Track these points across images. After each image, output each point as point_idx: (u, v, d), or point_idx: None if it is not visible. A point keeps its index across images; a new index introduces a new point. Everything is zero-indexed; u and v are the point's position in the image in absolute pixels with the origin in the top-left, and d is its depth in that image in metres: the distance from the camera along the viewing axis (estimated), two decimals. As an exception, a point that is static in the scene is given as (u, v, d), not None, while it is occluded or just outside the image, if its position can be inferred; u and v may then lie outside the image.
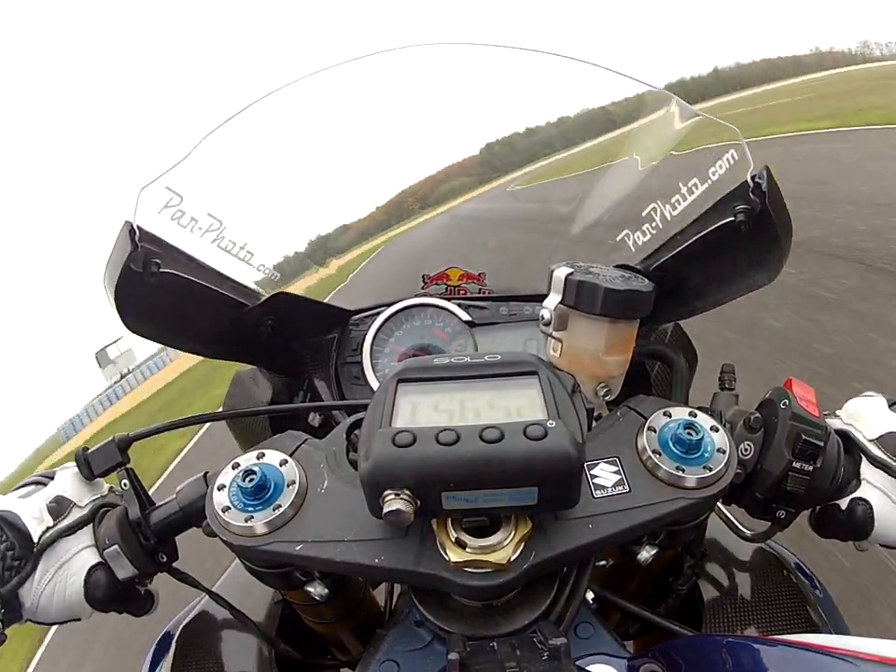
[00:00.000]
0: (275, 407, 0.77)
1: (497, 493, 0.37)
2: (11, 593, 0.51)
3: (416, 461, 0.36)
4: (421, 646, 0.44)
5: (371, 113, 0.90)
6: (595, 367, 0.60)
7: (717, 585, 0.63)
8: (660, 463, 0.44)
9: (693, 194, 0.61)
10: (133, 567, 0.54)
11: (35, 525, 0.52)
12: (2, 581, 0.50)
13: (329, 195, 0.95)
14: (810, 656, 0.37)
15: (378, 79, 0.76)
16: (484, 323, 0.81)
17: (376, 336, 0.80)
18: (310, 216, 0.94)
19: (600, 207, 0.82)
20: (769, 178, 0.54)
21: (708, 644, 0.45)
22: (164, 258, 0.58)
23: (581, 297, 0.57)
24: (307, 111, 0.77)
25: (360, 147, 0.92)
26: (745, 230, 0.55)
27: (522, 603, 0.44)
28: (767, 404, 0.55)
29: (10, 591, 0.50)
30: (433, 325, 0.81)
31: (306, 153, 0.87)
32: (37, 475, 0.59)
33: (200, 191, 0.61)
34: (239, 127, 0.63)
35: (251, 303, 0.70)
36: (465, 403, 0.41)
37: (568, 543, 0.41)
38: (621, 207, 0.78)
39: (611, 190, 0.82)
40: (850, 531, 0.53)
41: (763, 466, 0.53)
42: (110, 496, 0.59)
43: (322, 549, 0.42)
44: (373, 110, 0.90)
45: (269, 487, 0.44)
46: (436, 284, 0.86)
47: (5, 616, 0.51)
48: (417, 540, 0.42)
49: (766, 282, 0.59)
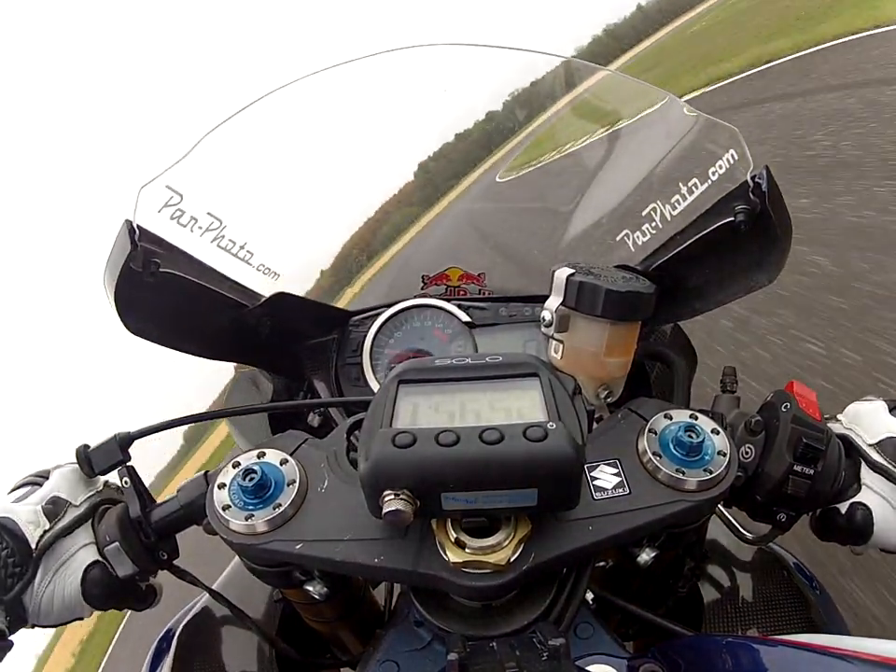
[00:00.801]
0: (276, 404, 0.77)
1: (497, 494, 0.37)
2: (15, 599, 0.51)
3: (416, 462, 0.36)
4: (420, 646, 0.44)
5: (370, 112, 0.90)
6: (597, 368, 0.60)
7: (717, 586, 0.63)
8: (660, 465, 0.44)
9: (692, 194, 0.61)
10: (133, 564, 0.54)
11: (31, 529, 0.52)
12: (6, 588, 0.50)
13: (329, 195, 0.95)
14: (810, 656, 0.37)
15: (379, 79, 0.76)
16: (484, 324, 0.80)
17: (376, 337, 0.80)
18: (310, 215, 0.94)
19: (599, 207, 0.82)
20: (769, 178, 0.54)
21: (708, 644, 0.45)
22: (164, 257, 0.58)
23: (582, 298, 0.57)
24: (307, 110, 0.77)
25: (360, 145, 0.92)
26: (745, 230, 0.55)
27: (521, 603, 0.44)
28: (768, 407, 0.55)
29: (14, 597, 0.50)
30: (433, 326, 0.81)
31: (306, 152, 0.87)
32: (32, 475, 0.58)
33: (200, 190, 0.61)
34: (239, 125, 0.63)
35: (251, 304, 0.70)
36: (465, 404, 0.41)
37: (568, 545, 0.41)
38: (620, 207, 0.78)
39: (611, 190, 0.82)
40: (850, 535, 0.53)
41: (763, 469, 0.53)
42: (106, 490, 0.59)
43: (322, 548, 0.42)
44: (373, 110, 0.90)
45: (269, 486, 0.44)
46: (435, 284, 0.86)
47: (10, 623, 0.51)
48: (417, 540, 0.42)
49: (766, 282, 0.59)
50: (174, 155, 0.58)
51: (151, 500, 0.58)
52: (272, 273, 0.71)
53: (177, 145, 0.59)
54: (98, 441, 0.58)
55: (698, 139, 0.64)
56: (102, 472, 0.57)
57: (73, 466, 0.58)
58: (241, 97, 0.63)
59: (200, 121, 0.62)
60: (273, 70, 25.07)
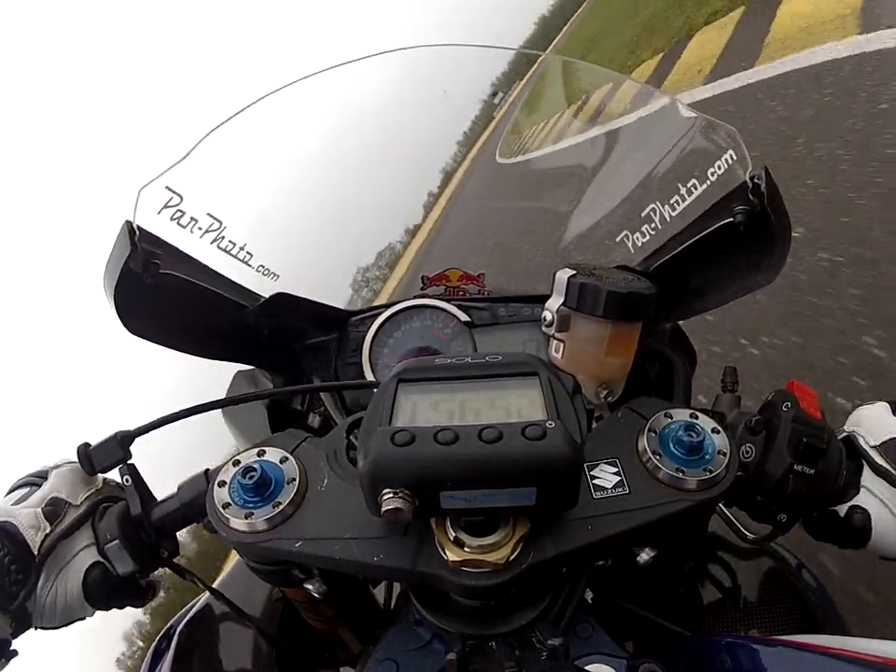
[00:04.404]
0: (279, 390, 0.76)
1: (496, 493, 0.37)
2: (20, 606, 0.50)
3: (415, 460, 0.37)
4: (420, 645, 0.44)
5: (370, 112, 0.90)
6: (597, 368, 0.60)
7: (717, 586, 0.63)
8: (660, 465, 0.44)
9: (692, 195, 0.61)
10: (133, 562, 0.54)
11: (33, 533, 0.52)
12: (11, 597, 0.50)
13: (329, 194, 0.95)
14: (810, 656, 0.37)
15: (379, 79, 0.76)
16: (484, 324, 0.81)
17: (375, 337, 0.80)
18: (310, 216, 0.94)
19: (598, 208, 0.83)
20: (768, 179, 0.54)
21: (708, 644, 0.45)
22: (164, 258, 0.58)
23: (583, 299, 0.57)
24: (307, 110, 0.77)
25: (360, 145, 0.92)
26: (744, 230, 0.56)
27: (520, 603, 0.44)
28: (769, 406, 0.55)
29: (19, 605, 0.50)
30: (432, 326, 0.81)
31: (306, 152, 0.87)
32: (29, 475, 0.58)
33: (200, 191, 0.61)
34: (239, 126, 0.63)
35: (251, 304, 0.70)
36: (465, 403, 0.41)
37: (567, 544, 0.41)
38: (619, 208, 0.78)
39: (610, 191, 0.82)
40: (847, 539, 0.53)
41: (764, 468, 0.52)
42: (105, 488, 0.59)
43: (321, 546, 0.42)
44: (373, 110, 0.90)
45: (269, 484, 0.44)
46: (435, 285, 0.86)
47: (15, 629, 0.51)
48: (416, 539, 0.42)
49: (765, 283, 0.59)
50: (173, 156, 0.58)
51: (152, 498, 0.58)
52: (271, 273, 0.72)
53: (176, 146, 0.60)
54: (98, 439, 0.58)
55: (697, 139, 0.64)
56: (103, 470, 0.57)
57: (71, 465, 0.58)
58: (241, 97, 0.63)
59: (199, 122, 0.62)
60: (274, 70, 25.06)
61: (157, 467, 0.64)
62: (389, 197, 1.89)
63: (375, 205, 1.51)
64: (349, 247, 1.34)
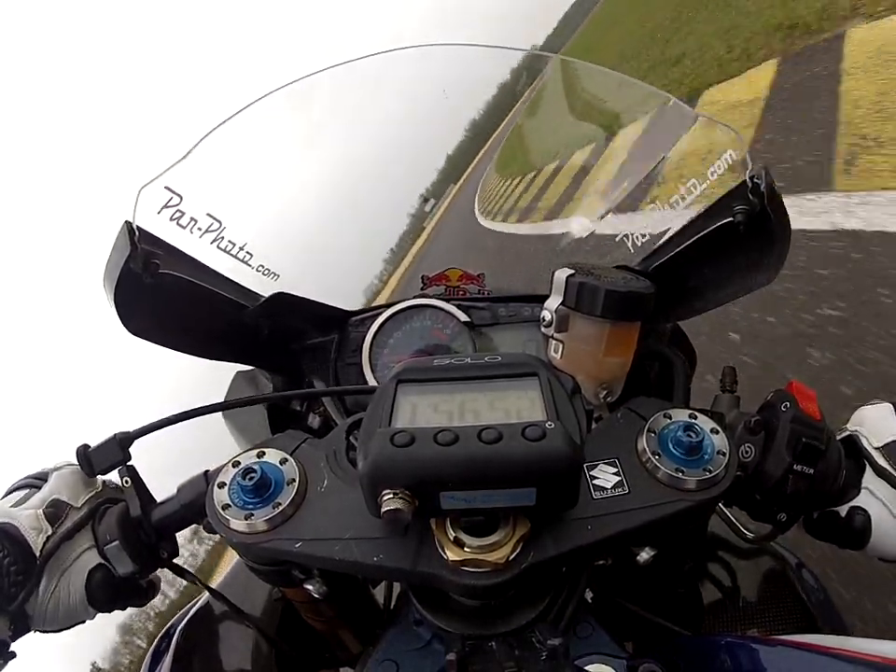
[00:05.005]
0: (278, 394, 0.77)
1: (496, 493, 0.37)
2: (19, 608, 0.50)
3: (414, 461, 0.37)
4: (420, 645, 0.44)
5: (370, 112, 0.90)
6: (596, 368, 0.60)
7: (717, 585, 0.63)
8: (660, 465, 0.44)
9: (692, 195, 0.61)
10: (133, 563, 0.54)
11: (34, 535, 0.51)
12: (10, 598, 0.49)
13: (329, 194, 0.95)
14: (810, 656, 0.37)
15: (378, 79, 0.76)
16: (484, 324, 0.81)
17: (375, 337, 0.80)
18: (310, 215, 0.94)
19: (598, 208, 0.83)
20: (768, 178, 0.54)
21: (708, 644, 0.45)
22: (164, 258, 0.58)
23: (582, 298, 0.57)
24: (306, 110, 0.77)
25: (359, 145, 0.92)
26: (743, 230, 0.56)
27: (520, 603, 0.44)
28: (768, 407, 0.55)
29: (18, 607, 0.50)
30: (432, 326, 0.81)
31: (306, 152, 0.87)
32: (29, 477, 0.58)
33: (199, 191, 0.61)
34: (239, 126, 0.63)
35: (250, 304, 0.70)
36: (465, 404, 0.41)
37: (567, 544, 0.41)
38: (619, 208, 0.78)
39: (610, 191, 0.82)
40: (847, 539, 0.53)
41: (763, 468, 0.53)
42: (106, 490, 0.59)
43: (321, 547, 0.42)
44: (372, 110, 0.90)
45: (269, 485, 0.44)
46: (435, 285, 0.86)
47: (14, 632, 0.50)
48: (416, 539, 0.42)
49: (765, 282, 0.59)
50: (173, 155, 0.58)
51: (151, 500, 0.58)
52: (271, 273, 0.71)
53: (175, 146, 0.59)
54: (98, 440, 0.58)
55: (696, 139, 0.64)
56: (102, 472, 0.57)
57: (71, 467, 0.58)
58: (240, 98, 0.63)
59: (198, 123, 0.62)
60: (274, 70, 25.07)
61: (157, 467, 0.64)
62: (391, 197, 1.89)
63: (376, 205, 1.51)
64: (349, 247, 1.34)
